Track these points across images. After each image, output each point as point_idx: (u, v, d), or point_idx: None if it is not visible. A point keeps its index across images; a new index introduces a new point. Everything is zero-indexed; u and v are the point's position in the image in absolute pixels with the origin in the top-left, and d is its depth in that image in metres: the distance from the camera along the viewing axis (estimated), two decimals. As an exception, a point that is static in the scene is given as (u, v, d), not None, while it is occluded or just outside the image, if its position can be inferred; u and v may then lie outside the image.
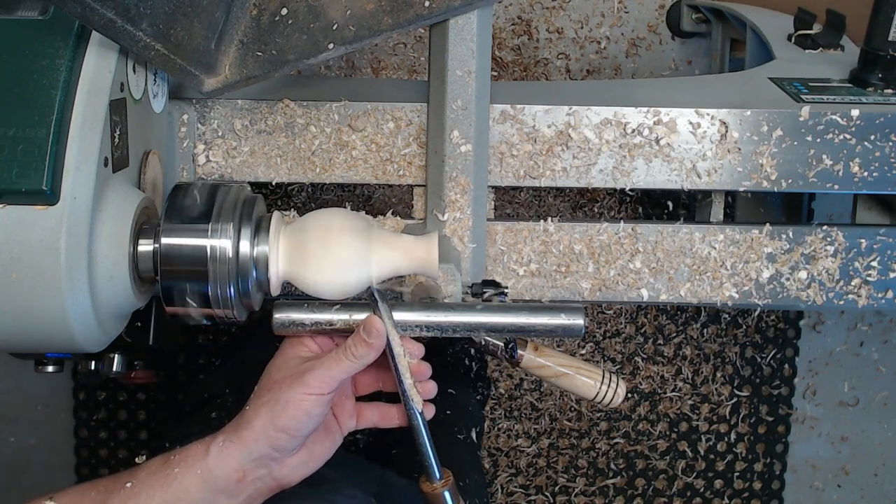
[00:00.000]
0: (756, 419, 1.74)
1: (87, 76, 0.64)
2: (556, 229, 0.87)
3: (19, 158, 0.60)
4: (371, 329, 0.67)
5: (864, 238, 0.88)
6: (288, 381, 0.66)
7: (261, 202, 0.72)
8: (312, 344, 0.70)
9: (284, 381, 0.66)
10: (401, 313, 0.69)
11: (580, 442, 1.74)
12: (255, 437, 0.65)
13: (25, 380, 1.71)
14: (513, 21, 1.60)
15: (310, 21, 0.73)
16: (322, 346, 0.71)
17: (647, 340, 1.70)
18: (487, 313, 0.69)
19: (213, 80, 0.73)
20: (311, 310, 0.68)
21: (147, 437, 1.71)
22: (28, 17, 0.65)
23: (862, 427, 1.78)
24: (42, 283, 0.61)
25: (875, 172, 0.86)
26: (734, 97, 0.88)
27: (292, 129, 0.85)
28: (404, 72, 1.61)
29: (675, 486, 1.76)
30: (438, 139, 0.80)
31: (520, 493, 1.75)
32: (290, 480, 0.68)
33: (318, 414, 0.66)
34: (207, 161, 0.85)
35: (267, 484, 0.67)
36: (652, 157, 0.86)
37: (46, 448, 1.74)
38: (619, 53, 1.61)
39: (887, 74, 0.89)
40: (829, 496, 1.81)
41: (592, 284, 0.88)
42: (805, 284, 0.89)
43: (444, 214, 0.81)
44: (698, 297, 0.88)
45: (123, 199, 0.67)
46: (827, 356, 1.75)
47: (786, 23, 1.14)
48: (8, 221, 0.61)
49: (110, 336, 0.69)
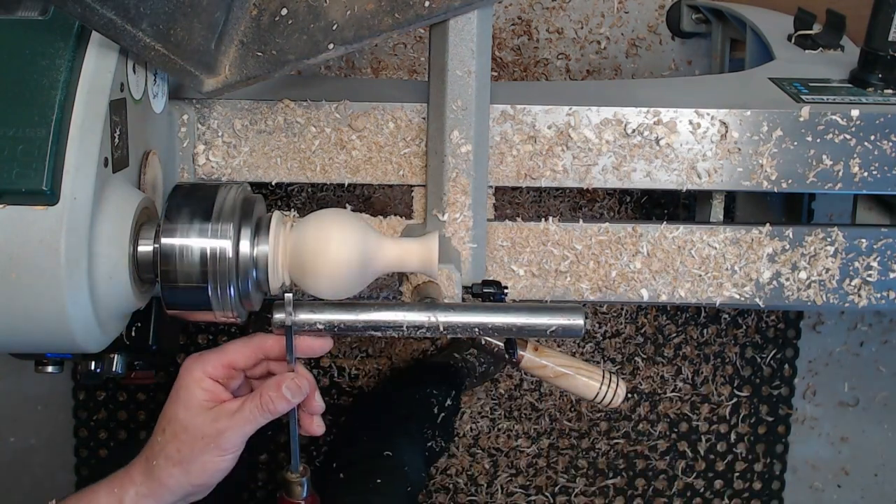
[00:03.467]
0: (756, 419, 1.74)
1: (87, 76, 0.64)
2: (556, 229, 0.87)
3: (19, 158, 0.60)
4: (296, 389, 0.66)
5: (864, 238, 0.88)
6: (202, 442, 0.64)
7: (261, 202, 0.72)
8: (212, 385, 0.67)
9: (198, 441, 0.64)
10: (401, 314, 0.69)
11: (580, 442, 1.74)
12: (171, 493, 0.65)
13: (25, 380, 1.71)
14: (513, 21, 1.60)
15: (310, 21, 0.73)
16: (224, 382, 0.68)
17: (647, 341, 1.70)
18: (487, 313, 0.69)
19: (213, 80, 0.73)
20: (311, 310, 0.68)
21: (147, 437, 1.70)
22: (28, 17, 0.65)
23: (862, 427, 1.78)
24: (42, 283, 0.61)
25: (875, 172, 0.86)
26: (734, 97, 0.88)
27: (292, 129, 0.85)
28: (404, 72, 1.61)
29: (675, 487, 1.76)
30: (438, 139, 0.80)
31: (520, 493, 1.75)
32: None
33: (232, 464, 0.66)
34: (207, 161, 0.85)
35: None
36: (652, 158, 0.86)
37: (46, 448, 1.74)
38: (619, 53, 1.61)
39: (887, 74, 0.89)
40: (829, 496, 1.81)
41: (592, 284, 0.88)
42: (805, 284, 0.89)
43: (444, 214, 0.81)
44: (698, 297, 0.88)
45: (123, 199, 0.67)
46: (827, 356, 1.75)
47: (786, 23, 1.14)
48: (8, 221, 0.60)
49: (110, 336, 0.69)
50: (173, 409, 0.66)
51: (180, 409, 0.66)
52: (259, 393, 0.66)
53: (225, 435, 0.64)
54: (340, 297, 0.69)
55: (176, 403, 0.66)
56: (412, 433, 1.41)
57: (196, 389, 0.66)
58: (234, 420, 0.65)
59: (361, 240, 0.68)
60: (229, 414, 0.65)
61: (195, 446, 0.64)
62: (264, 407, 0.65)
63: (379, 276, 0.72)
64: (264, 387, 0.66)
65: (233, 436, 0.65)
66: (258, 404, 0.65)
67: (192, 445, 0.64)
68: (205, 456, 0.64)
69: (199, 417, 0.65)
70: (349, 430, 1.50)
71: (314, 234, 0.67)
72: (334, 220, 0.68)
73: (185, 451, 0.65)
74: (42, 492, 1.74)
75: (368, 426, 1.41)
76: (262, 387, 0.66)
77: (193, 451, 0.64)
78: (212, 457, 0.64)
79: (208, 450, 0.64)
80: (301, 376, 0.67)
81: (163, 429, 0.66)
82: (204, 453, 0.64)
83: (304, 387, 0.67)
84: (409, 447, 1.35)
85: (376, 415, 1.46)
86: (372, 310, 0.67)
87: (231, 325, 1.59)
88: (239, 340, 0.68)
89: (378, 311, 0.67)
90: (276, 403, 0.65)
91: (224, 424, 0.65)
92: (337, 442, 1.50)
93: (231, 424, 0.65)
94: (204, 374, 0.66)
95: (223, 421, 0.65)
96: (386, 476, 1.22)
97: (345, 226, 0.68)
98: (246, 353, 0.68)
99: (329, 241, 0.67)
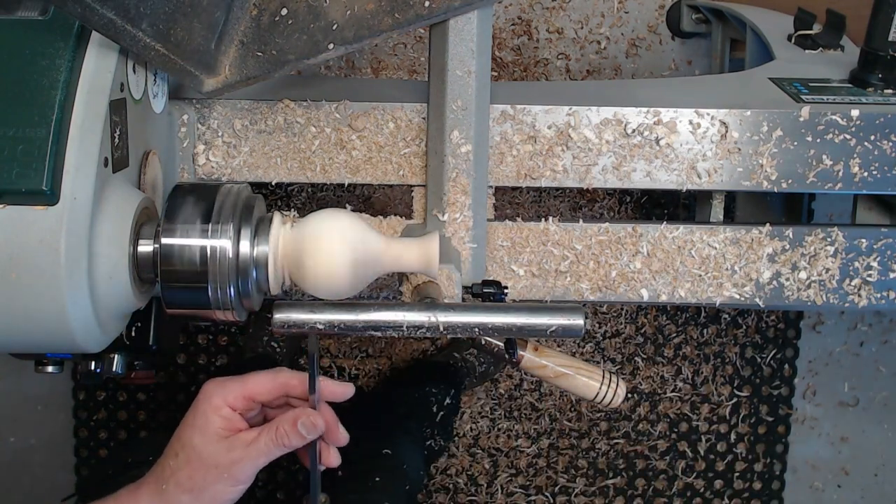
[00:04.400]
0: (756, 419, 1.74)
1: (87, 76, 0.64)
2: (556, 229, 0.87)
3: (19, 158, 0.60)
4: (311, 427, 0.65)
5: (864, 238, 0.88)
6: (216, 472, 0.64)
7: (261, 202, 0.72)
8: (230, 413, 0.66)
9: (211, 469, 0.64)
10: (401, 314, 0.69)
11: (580, 442, 1.74)
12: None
13: (25, 380, 1.71)
14: (513, 21, 1.60)
15: (310, 21, 0.73)
16: (242, 413, 0.67)
17: (647, 341, 1.70)
18: (487, 313, 0.69)
19: (213, 80, 0.73)
20: (311, 310, 0.68)
21: (147, 436, 1.71)
22: (28, 17, 0.65)
23: (862, 427, 1.78)
24: (42, 283, 0.61)
25: (875, 172, 0.86)
26: (734, 97, 0.88)
27: (292, 129, 0.85)
28: (404, 72, 1.61)
29: (675, 487, 1.76)
30: (438, 139, 0.80)
31: (520, 493, 1.75)
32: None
33: (241, 494, 0.66)
34: (207, 161, 0.85)
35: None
36: (652, 158, 0.86)
37: (46, 448, 1.74)
38: (619, 53, 1.61)
39: (887, 74, 0.89)
40: (829, 496, 1.81)
41: (592, 284, 0.88)
42: (805, 284, 0.89)
43: (444, 214, 0.81)
44: (698, 297, 0.88)
45: (123, 199, 0.67)
46: (827, 356, 1.75)
47: (786, 23, 1.14)
48: (8, 221, 0.60)
49: (110, 336, 0.69)
50: (188, 434, 0.65)
51: (196, 435, 0.65)
52: (275, 426, 0.65)
53: (239, 465, 0.64)
54: (341, 297, 0.69)
55: (192, 428, 0.66)
56: (412, 432, 1.41)
57: (214, 417, 0.65)
58: (248, 451, 0.64)
59: (361, 240, 0.68)
60: (244, 445, 0.65)
61: (208, 475, 0.64)
62: (279, 440, 0.65)
63: (379, 276, 0.72)
64: (280, 420, 0.65)
65: (246, 467, 0.64)
66: (273, 437, 0.65)
67: (204, 474, 0.64)
68: (217, 485, 0.64)
69: (213, 446, 0.64)
70: (348, 429, 1.50)
71: (314, 234, 0.67)
72: (334, 220, 0.68)
73: (197, 478, 0.64)
74: (42, 492, 1.74)
75: (368, 425, 1.41)
76: (278, 419, 0.66)
77: (206, 480, 0.64)
78: (224, 486, 0.64)
79: (221, 479, 0.64)
80: (317, 414, 0.66)
81: (175, 453, 0.66)
82: (217, 482, 0.64)
83: (319, 425, 0.66)
84: (409, 446, 1.34)
85: (376, 414, 1.46)
86: (372, 310, 0.67)
87: (231, 325, 1.59)
88: (263, 373, 0.68)
89: (378, 311, 0.67)
90: (290, 438, 0.65)
91: (238, 455, 0.64)
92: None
93: (245, 455, 0.64)
94: (224, 402, 0.66)
95: (238, 451, 0.64)
96: (385, 475, 1.22)
97: (345, 226, 0.68)
98: (269, 387, 0.67)
99: (329, 242, 0.67)
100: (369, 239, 0.68)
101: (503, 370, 1.68)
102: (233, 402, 0.66)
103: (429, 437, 1.46)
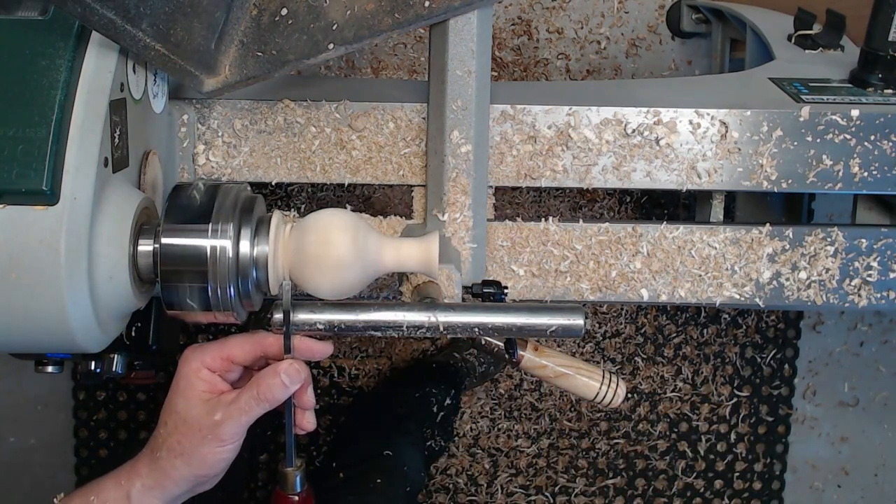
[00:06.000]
0: (756, 419, 1.74)
1: (87, 76, 0.64)
2: (556, 229, 0.87)
3: (19, 158, 0.60)
4: (295, 374, 0.66)
5: (864, 238, 0.88)
6: (200, 434, 0.65)
7: (261, 202, 0.72)
8: (210, 376, 0.67)
9: (196, 432, 0.65)
10: (401, 314, 0.69)
11: (580, 442, 1.74)
12: (176, 484, 0.66)
13: (25, 380, 1.71)
14: (513, 21, 1.60)
15: (310, 21, 0.73)
16: (222, 374, 0.68)
17: (647, 341, 1.70)
18: (487, 313, 0.69)
19: (213, 80, 0.73)
20: (311, 310, 0.68)
21: (147, 436, 1.71)
22: (28, 17, 0.65)
23: (862, 427, 1.78)
24: (42, 283, 0.61)
25: (875, 172, 0.86)
26: (734, 97, 0.88)
27: (292, 129, 0.85)
28: (404, 72, 1.61)
29: (675, 487, 1.76)
30: (438, 139, 0.80)
31: (520, 493, 1.75)
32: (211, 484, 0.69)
33: (234, 453, 0.66)
34: (207, 161, 0.85)
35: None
36: (652, 158, 0.86)
37: (46, 448, 1.74)
38: (619, 53, 1.61)
39: (887, 74, 0.89)
40: (829, 496, 1.81)
41: (592, 284, 0.88)
42: (805, 284, 0.89)
43: (444, 214, 0.81)
44: (698, 297, 0.88)
45: (123, 199, 0.67)
46: (827, 356, 1.75)
47: (786, 23, 1.14)
48: (8, 221, 0.60)
49: (110, 336, 0.69)
50: (173, 401, 0.67)
51: (179, 400, 0.67)
52: (255, 382, 0.66)
53: (223, 426, 0.65)
54: (340, 297, 0.69)
55: (175, 394, 0.67)
56: (412, 433, 1.41)
57: (194, 380, 0.66)
58: (230, 410, 0.65)
59: (361, 240, 0.67)
60: (225, 405, 0.65)
61: (194, 438, 0.65)
62: (261, 396, 0.65)
63: (379, 276, 0.71)
64: (260, 375, 0.66)
65: (230, 427, 0.65)
66: (254, 394, 0.65)
67: (191, 437, 0.65)
68: (204, 447, 0.65)
69: (196, 409, 0.66)
70: (349, 429, 1.50)
71: (314, 234, 0.67)
72: (334, 220, 0.68)
73: (185, 442, 0.65)
74: (42, 492, 1.74)
75: (368, 426, 1.41)
76: (258, 375, 0.66)
77: (193, 443, 0.65)
78: (211, 448, 0.65)
79: (207, 441, 0.65)
80: (300, 361, 0.67)
81: (164, 421, 0.67)
82: (203, 445, 0.65)
83: (302, 371, 0.66)
84: (409, 447, 1.35)
85: (376, 414, 1.46)
86: (372, 310, 0.67)
87: (231, 326, 1.59)
88: (240, 335, 0.69)
89: (378, 311, 0.67)
90: (273, 391, 0.65)
91: (221, 416, 0.65)
92: (337, 442, 1.50)
93: (227, 415, 0.65)
94: (202, 364, 0.67)
95: (220, 412, 0.65)
96: (385, 476, 1.22)
97: (345, 226, 0.68)
98: (246, 347, 0.68)
99: (329, 242, 0.67)
100: (369, 239, 0.68)
101: (503, 370, 1.68)
102: (210, 364, 0.67)
103: (429, 438, 1.46)
